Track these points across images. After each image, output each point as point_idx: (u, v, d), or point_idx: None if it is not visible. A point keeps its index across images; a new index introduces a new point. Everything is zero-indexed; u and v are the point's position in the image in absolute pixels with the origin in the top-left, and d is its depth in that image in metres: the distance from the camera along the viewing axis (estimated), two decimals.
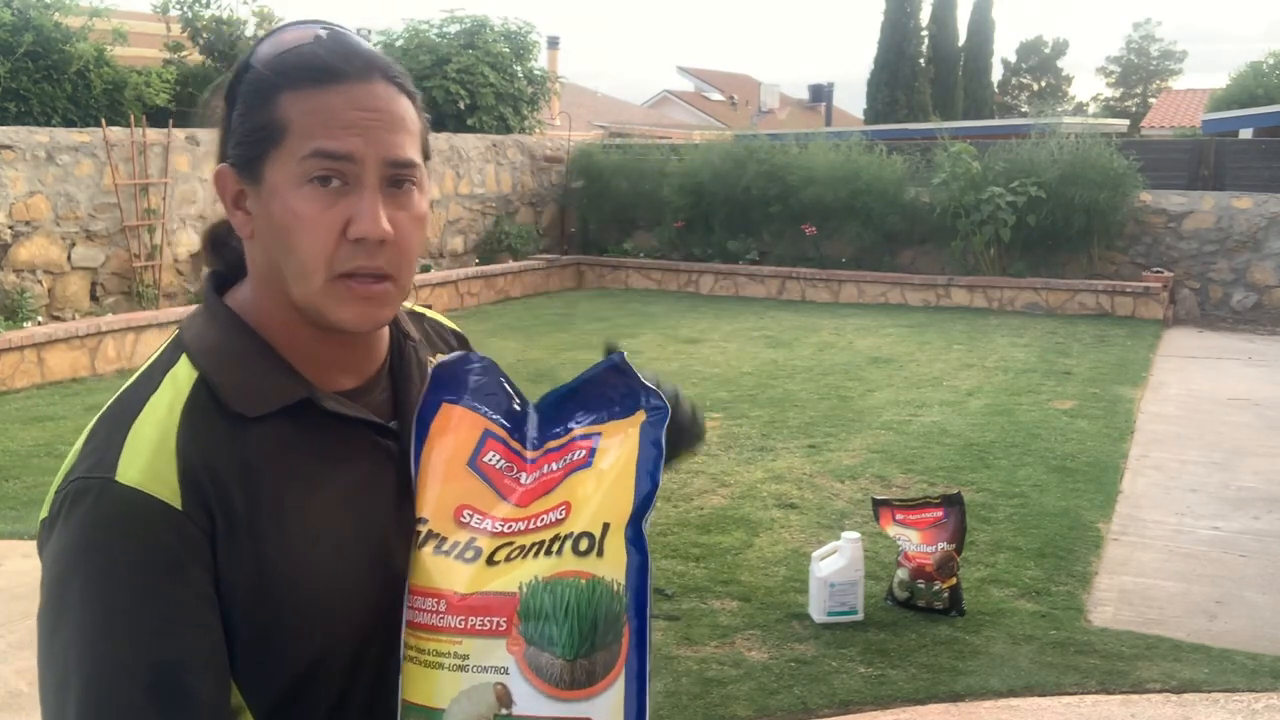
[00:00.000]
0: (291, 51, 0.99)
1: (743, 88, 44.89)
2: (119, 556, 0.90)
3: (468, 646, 0.92)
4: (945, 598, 4.01)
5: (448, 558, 0.96)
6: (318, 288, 0.97)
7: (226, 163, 1.03)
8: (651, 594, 0.95)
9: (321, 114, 0.96)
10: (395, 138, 0.98)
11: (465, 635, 0.93)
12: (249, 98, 1.00)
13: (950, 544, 4.02)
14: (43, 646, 0.93)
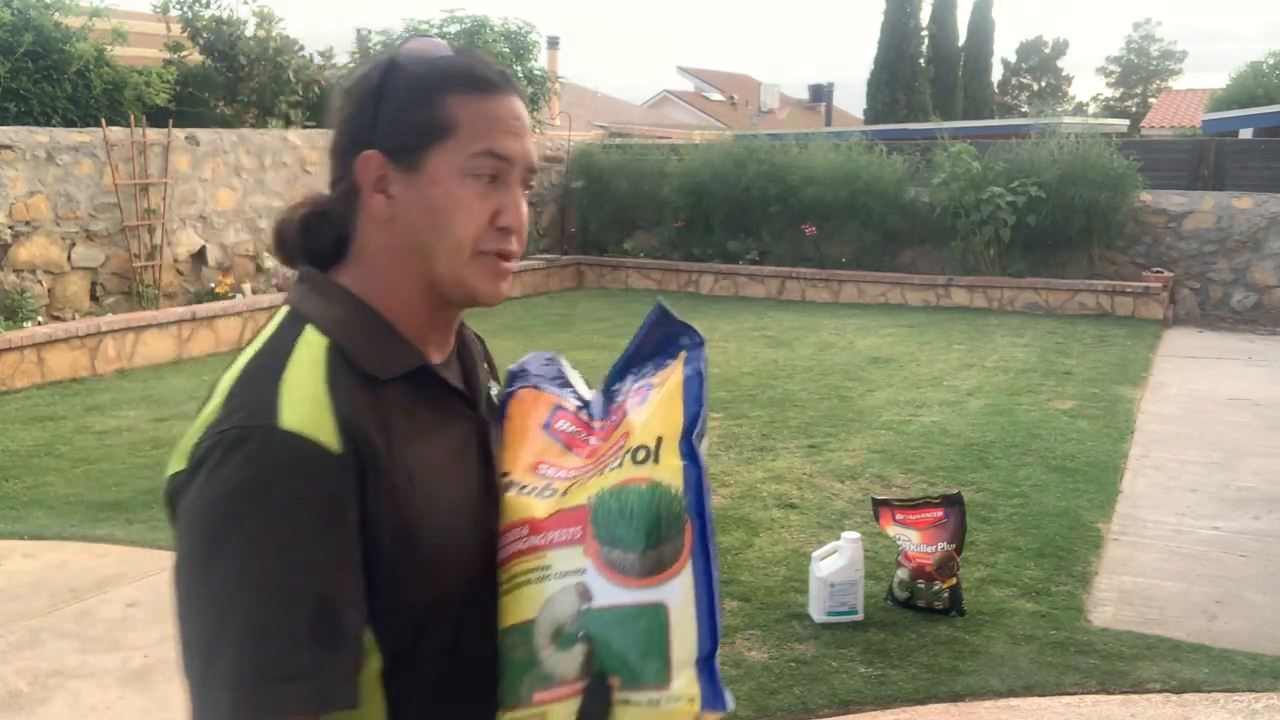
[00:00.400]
0: (446, 60, 1.13)
1: (743, 88, 44.89)
2: (287, 496, 0.97)
3: (550, 558, 1.04)
4: (945, 598, 4.01)
5: (529, 495, 1.10)
6: (464, 262, 1.11)
7: (375, 149, 1.10)
8: (709, 498, 1.04)
9: (490, 119, 1.10)
10: (532, 146, 1.15)
11: (548, 549, 1.05)
12: (409, 94, 1.11)
13: (950, 544, 4.01)
14: (192, 585, 0.97)
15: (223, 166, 10.26)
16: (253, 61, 12.41)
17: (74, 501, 5.24)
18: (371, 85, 1.13)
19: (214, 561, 0.95)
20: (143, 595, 4.14)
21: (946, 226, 12.30)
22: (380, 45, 15.63)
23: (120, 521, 4.96)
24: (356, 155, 1.11)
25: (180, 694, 3.01)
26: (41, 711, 3.27)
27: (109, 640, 3.76)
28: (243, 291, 9.94)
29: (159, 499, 1.05)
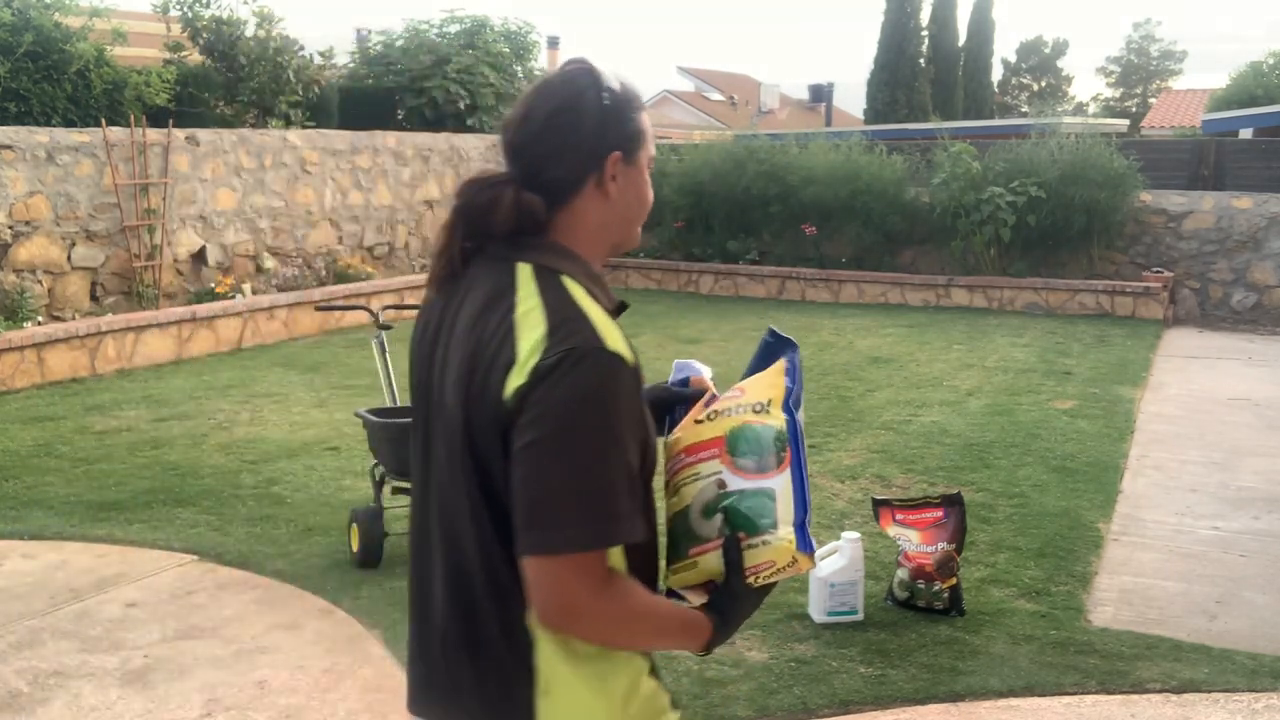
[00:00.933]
0: (626, 82, 1.58)
1: (743, 88, 44.88)
2: (618, 397, 1.39)
3: (698, 468, 1.58)
4: (945, 598, 4.00)
5: (683, 430, 1.68)
6: (637, 229, 1.61)
7: (617, 150, 1.51)
8: (803, 439, 1.60)
9: (650, 130, 1.60)
10: None
11: (698, 463, 1.59)
12: (625, 110, 1.54)
13: (950, 544, 4.01)
14: (548, 457, 1.36)
15: (223, 166, 10.26)
16: (253, 61, 12.41)
17: (74, 501, 5.24)
18: (600, 103, 1.51)
19: (569, 440, 1.35)
20: (143, 595, 4.14)
21: (946, 226, 12.29)
22: (380, 45, 15.64)
23: (120, 521, 4.96)
24: (602, 155, 1.50)
25: (178, 694, 2.97)
26: (41, 711, 3.27)
27: (109, 640, 3.76)
28: (242, 291, 9.94)
29: (159, 499, 1.07)
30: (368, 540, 4.41)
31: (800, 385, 1.68)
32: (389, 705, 3.33)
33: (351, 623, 3.93)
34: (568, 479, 1.35)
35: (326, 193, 11.42)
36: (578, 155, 1.49)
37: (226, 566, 4.45)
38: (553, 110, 1.50)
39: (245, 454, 6.09)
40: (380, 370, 5.00)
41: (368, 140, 11.99)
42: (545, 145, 1.49)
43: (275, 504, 5.23)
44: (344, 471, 5.77)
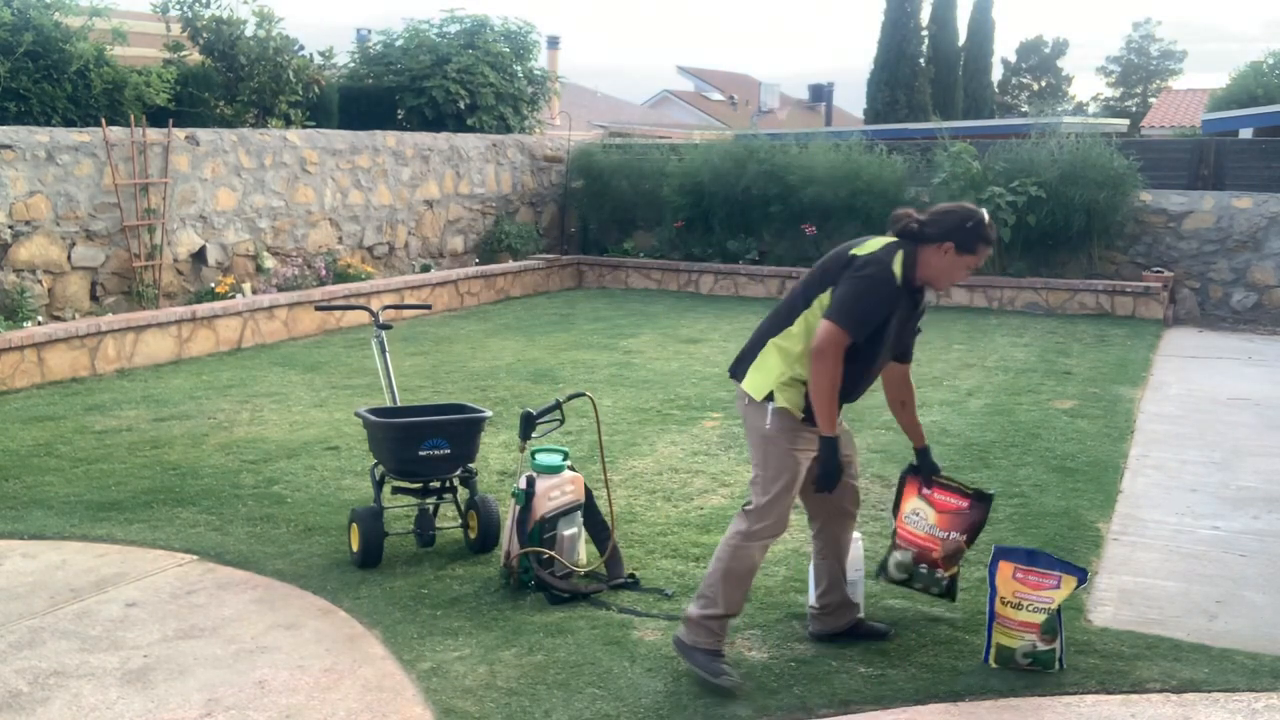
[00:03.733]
0: (984, 223, 3.64)
1: (743, 88, 44.87)
2: (880, 284, 3.43)
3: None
4: (944, 585, 3.95)
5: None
6: (947, 281, 3.67)
7: (950, 243, 3.55)
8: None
9: (983, 248, 3.71)
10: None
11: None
12: (974, 235, 3.62)
13: (963, 535, 3.92)
14: (843, 297, 3.41)
15: (223, 166, 10.26)
16: (253, 61, 12.42)
17: (74, 501, 5.24)
18: (964, 220, 3.52)
19: (854, 292, 3.40)
20: (143, 595, 4.14)
21: None
22: (380, 45, 15.64)
23: (120, 521, 4.96)
24: (943, 241, 3.50)
25: (178, 694, 2.98)
26: (41, 711, 3.27)
27: (109, 640, 3.76)
28: (242, 291, 9.95)
29: (159, 498, 1.08)
30: (368, 540, 4.40)
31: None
32: (389, 705, 3.33)
33: (351, 623, 3.93)
34: (850, 304, 3.38)
35: (326, 192, 11.42)
36: (942, 232, 3.49)
37: (226, 566, 4.45)
38: (948, 210, 3.59)
39: (245, 454, 6.09)
40: (380, 370, 5.00)
41: (368, 140, 11.99)
42: (939, 223, 3.53)
43: (275, 504, 5.23)
44: (344, 471, 5.77)
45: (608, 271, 14.14)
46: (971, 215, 3.49)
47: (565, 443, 5.96)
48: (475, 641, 3.77)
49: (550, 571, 4.21)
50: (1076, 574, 3.64)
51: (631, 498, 5.37)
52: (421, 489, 4.61)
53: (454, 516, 4.87)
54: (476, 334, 10.30)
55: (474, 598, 4.16)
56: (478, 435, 4.63)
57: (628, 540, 4.75)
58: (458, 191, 13.33)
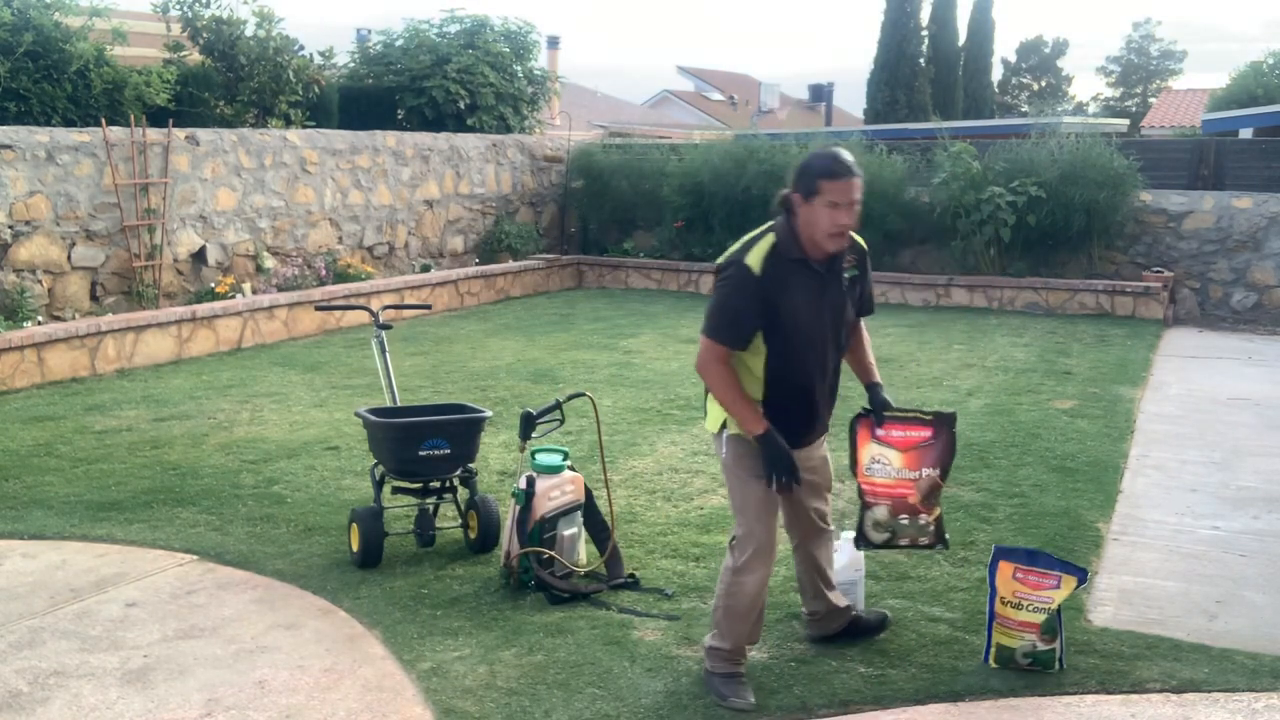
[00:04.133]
0: (830, 157, 3.35)
1: (743, 88, 44.87)
2: (739, 284, 3.31)
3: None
4: (931, 531, 3.59)
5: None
6: (823, 236, 3.30)
7: (794, 191, 3.34)
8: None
9: (836, 189, 3.30)
10: (856, 192, 3.29)
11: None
12: (813, 173, 3.36)
13: (935, 469, 3.54)
14: (712, 299, 3.41)
15: (223, 166, 10.26)
16: (253, 61, 12.42)
17: (74, 501, 5.24)
18: (800, 168, 3.32)
19: (716, 300, 3.37)
20: (143, 595, 4.14)
21: (946, 226, 12.30)
22: (380, 45, 15.64)
23: (120, 521, 4.96)
24: (795, 196, 3.31)
25: (178, 694, 3.00)
26: (41, 711, 3.27)
27: (109, 640, 3.76)
28: (242, 291, 9.95)
29: (159, 498, 1.08)
30: (368, 540, 4.40)
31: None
32: (389, 705, 3.33)
33: (351, 623, 3.93)
34: (711, 311, 3.38)
35: (326, 192, 11.42)
36: (793, 187, 3.34)
37: (226, 566, 4.45)
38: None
39: (245, 454, 6.09)
40: (380, 370, 5.00)
41: (368, 140, 11.99)
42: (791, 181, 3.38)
43: (275, 504, 5.23)
44: (344, 471, 5.77)
45: (608, 271, 14.14)
46: (807, 159, 3.32)
47: (565, 443, 5.96)
48: (475, 641, 3.77)
49: (550, 571, 4.21)
50: (1076, 574, 3.64)
51: (631, 498, 5.37)
52: (421, 489, 4.61)
53: (454, 516, 4.87)
54: (476, 334, 10.30)
55: (474, 598, 4.16)
56: (478, 435, 4.63)
57: (628, 540, 4.75)
58: (458, 191, 13.33)
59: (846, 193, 3.21)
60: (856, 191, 3.24)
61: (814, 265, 3.34)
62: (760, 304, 3.28)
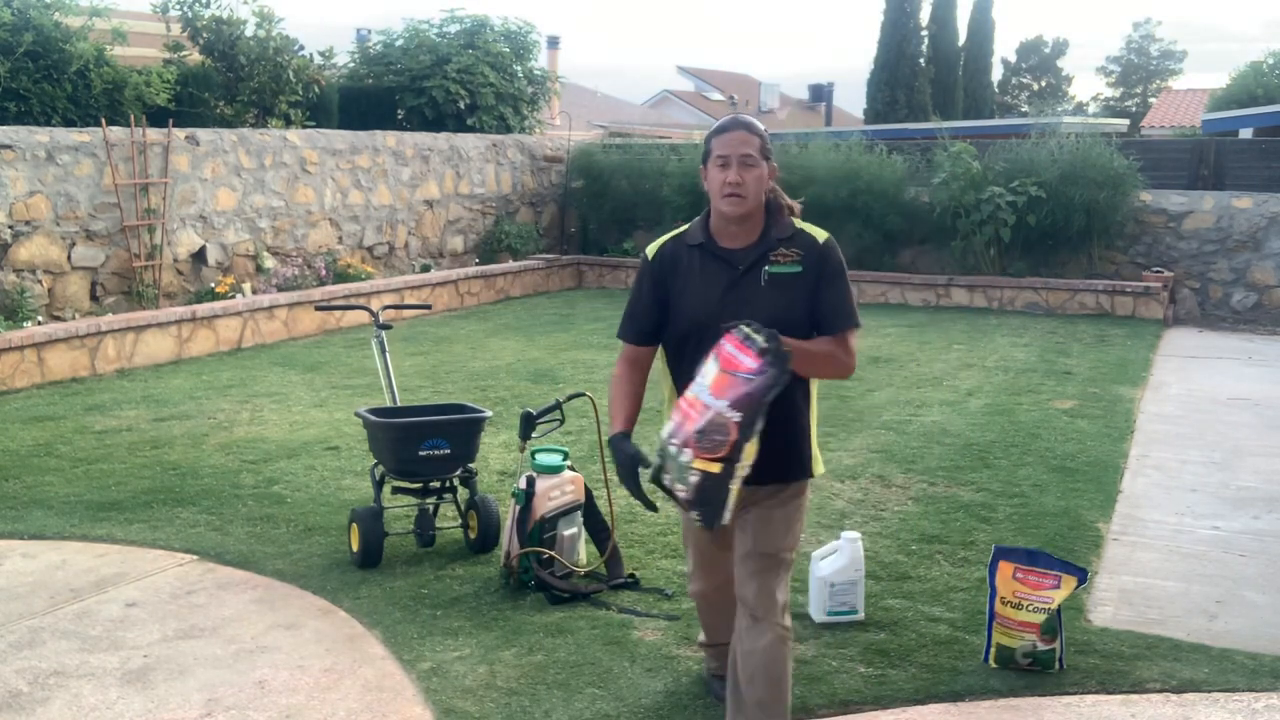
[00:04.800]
0: (719, 123, 3.10)
1: (743, 88, 44.88)
2: (638, 275, 3.03)
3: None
4: (692, 484, 2.60)
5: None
6: (717, 201, 2.90)
7: (703, 164, 2.98)
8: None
9: (720, 144, 2.93)
10: (743, 146, 2.87)
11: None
12: (707, 141, 3.02)
13: (736, 414, 2.56)
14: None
15: (223, 166, 10.26)
16: (253, 61, 12.42)
17: (74, 501, 5.24)
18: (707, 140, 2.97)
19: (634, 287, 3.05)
20: (143, 595, 4.14)
21: (946, 226, 12.30)
22: (380, 45, 15.64)
23: (120, 521, 4.96)
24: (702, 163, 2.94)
25: (178, 694, 2.99)
26: (41, 711, 3.27)
27: (109, 640, 3.76)
28: (242, 291, 9.95)
29: (159, 498, 1.08)
30: (368, 540, 4.40)
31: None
32: (389, 705, 3.33)
33: (351, 623, 3.93)
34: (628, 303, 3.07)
35: (326, 192, 11.42)
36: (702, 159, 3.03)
37: (226, 566, 4.45)
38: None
39: (245, 454, 6.09)
40: (380, 370, 5.00)
41: (368, 140, 11.99)
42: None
43: (275, 504, 5.23)
44: (344, 471, 5.77)
45: (608, 271, 14.14)
46: None
47: (565, 443, 5.96)
48: (475, 641, 3.77)
49: (550, 571, 4.21)
50: (1076, 574, 3.64)
51: (631, 498, 5.37)
52: (421, 489, 4.60)
53: (454, 516, 4.87)
54: (476, 334, 10.30)
55: (474, 598, 4.16)
56: (478, 435, 4.63)
57: (628, 540, 4.75)
58: (458, 191, 13.33)
59: (731, 144, 2.83)
60: (745, 145, 2.82)
61: (721, 252, 2.87)
62: (652, 292, 2.93)
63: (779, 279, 2.81)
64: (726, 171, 2.82)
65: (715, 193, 2.85)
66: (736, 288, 2.82)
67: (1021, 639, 3.58)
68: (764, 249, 2.84)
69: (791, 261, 2.82)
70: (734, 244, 2.88)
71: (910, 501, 5.36)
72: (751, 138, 2.84)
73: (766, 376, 2.58)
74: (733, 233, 2.88)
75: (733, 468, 2.58)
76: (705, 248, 2.90)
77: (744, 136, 2.84)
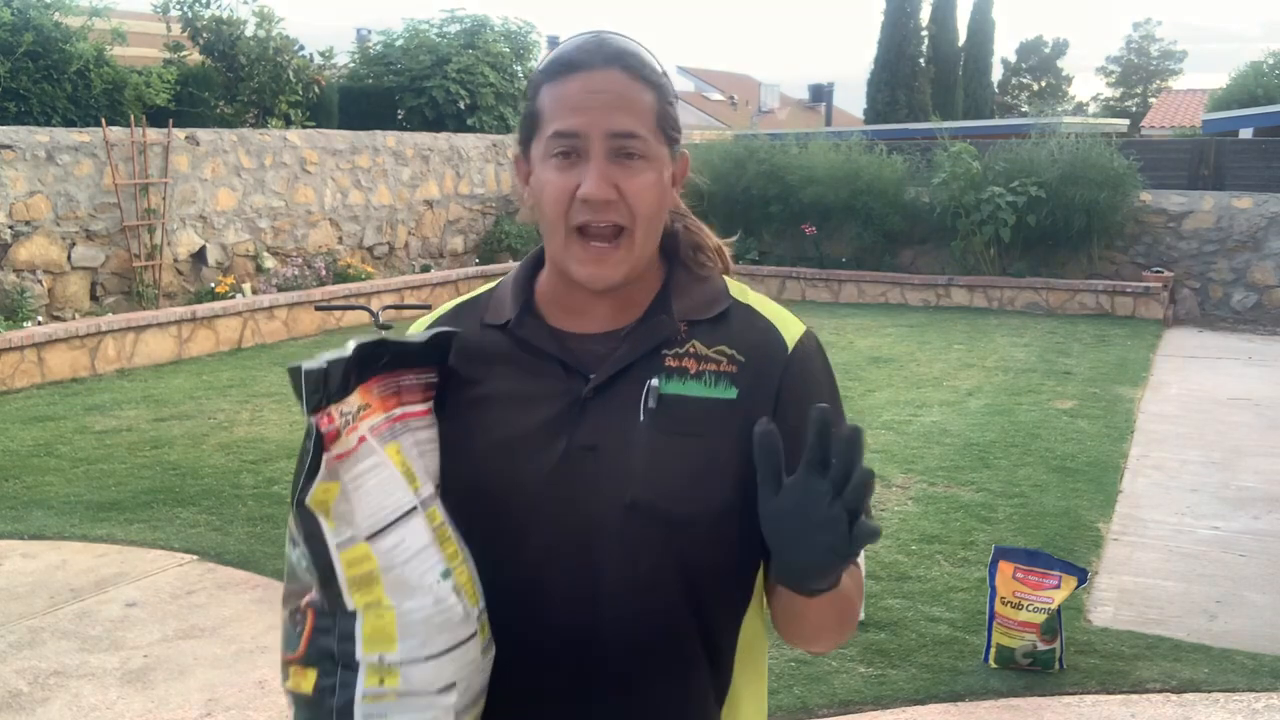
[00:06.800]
0: (555, 51, 1.24)
1: (743, 88, 44.90)
2: None
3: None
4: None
5: None
6: (560, 242, 1.20)
7: (519, 148, 1.26)
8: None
9: (560, 100, 1.18)
10: (617, 114, 1.16)
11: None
12: (527, 94, 1.26)
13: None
14: None
15: (223, 166, 10.26)
16: (253, 61, 12.42)
17: (74, 501, 5.24)
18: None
19: None
20: (143, 595, 4.14)
21: (946, 226, 12.29)
22: (380, 45, 15.64)
23: (120, 521, 4.96)
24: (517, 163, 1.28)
25: (178, 694, 2.97)
26: (41, 711, 3.27)
27: (109, 640, 3.76)
28: (243, 291, 9.94)
29: (159, 498, 1.05)
30: None
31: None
32: None
33: None
34: None
35: (326, 193, 11.42)
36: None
37: (226, 566, 4.45)
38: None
39: (245, 454, 6.09)
40: None
41: (368, 140, 11.99)
42: None
43: (275, 504, 5.23)
44: None
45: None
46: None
47: None
48: None
49: None
50: (1076, 574, 3.64)
51: None
52: None
53: None
54: None
55: None
56: None
57: None
58: (458, 191, 13.32)
59: (587, 102, 1.17)
60: (621, 107, 1.18)
61: (554, 343, 1.26)
62: None
63: (681, 409, 1.21)
64: (574, 171, 1.17)
65: (551, 220, 1.20)
66: (581, 423, 1.20)
67: (1021, 639, 3.58)
68: (650, 340, 1.23)
69: (715, 372, 1.23)
70: (583, 325, 1.26)
71: (910, 501, 5.36)
72: (635, 87, 1.19)
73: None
74: (582, 303, 1.25)
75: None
76: (519, 332, 1.26)
77: (617, 82, 1.18)
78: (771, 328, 1.29)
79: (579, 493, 1.18)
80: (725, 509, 1.18)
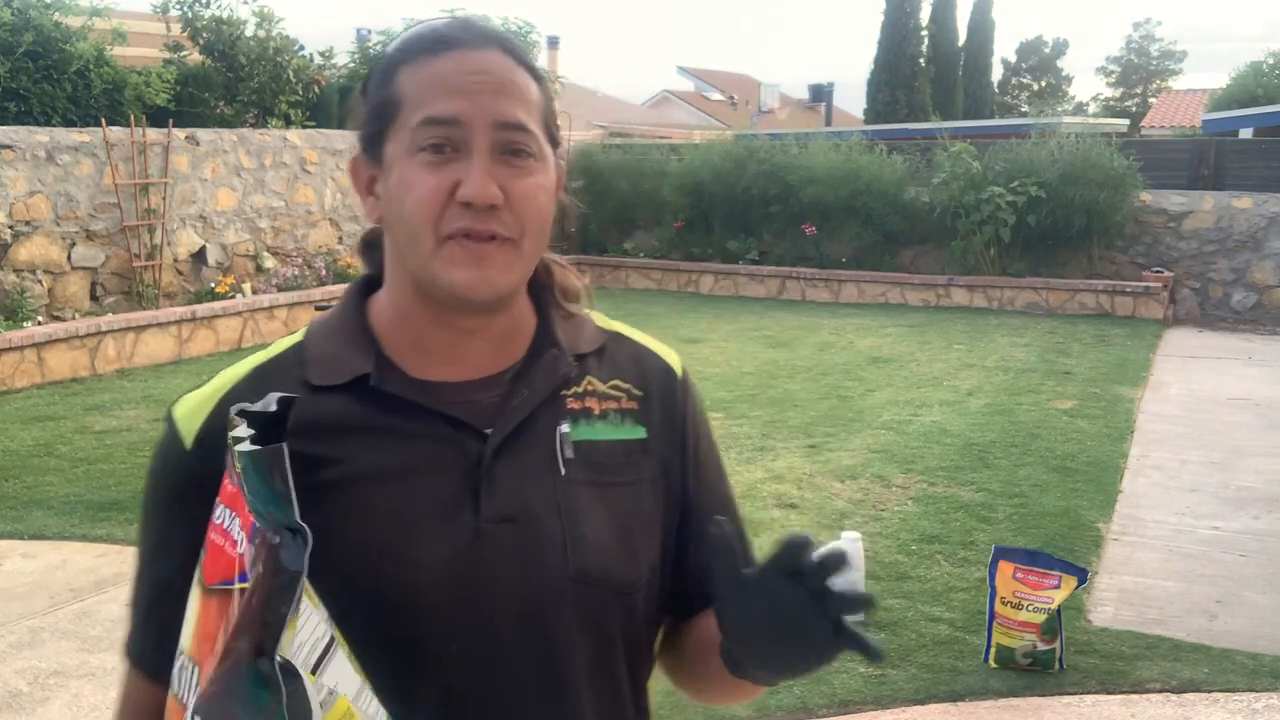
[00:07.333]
0: (414, 30, 1.00)
1: (743, 88, 44.89)
2: (150, 485, 1.15)
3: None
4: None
5: None
6: (428, 252, 0.95)
7: (360, 152, 1.01)
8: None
9: (431, 81, 0.94)
10: (505, 101, 0.95)
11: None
12: (375, 80, 0.99)
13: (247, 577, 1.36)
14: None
15: (223, 166, 10.26)
16: (253, 61, 12.41)
17: (74, 501, 5.24)
18: (362, 84, 1.02)
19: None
20: None
21: (946, 226, 12.29)
22: (380, 45, 15.64)
23: (120, 521, 4.96)
24: (358, 170, 1.03)
25: None
26: (41, 711, 3.27)
27: (109, 640, 3.76)
28: (243, 291, 9.94)
29: None
30: None
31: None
32: None
33: None
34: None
35: (326, 192, 11.42)
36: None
37: None
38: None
39: None
40: None
41: None
42: None
43: None
44: None
45: (608, 271, 14.14)
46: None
47: None
48: None
49: None
50: (1076, 574, 3.65)
51: None
52: None
53: None
54: None
55: None
56: None
57: None
58: None
59: (465, 86, 0.94)
60: (503, 93, 0.96)
61: (427, 398, 0.99)
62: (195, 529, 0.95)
63: (596, 456, 1.05)
64: (450, 168, 0.94)
65: (414, 229, 0.95)
66: (490, 491, 0.97)
67: (1021, 639, 3.58)
68: (549, 380, 1.06)
69: (619, 410, 1.11)
70: (455, 373, 1.02)
71: (910, 501, 5.36)
72: (520, 73, 0.99)
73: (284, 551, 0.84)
74: (450, 344, 1.02)
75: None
76: (386, 388, 0.99)
77: (499, 64, 0.97)
78: (653, 355, 1.22)
79: (501, 576, 0.95)
80: (657, 563, 1.05)
